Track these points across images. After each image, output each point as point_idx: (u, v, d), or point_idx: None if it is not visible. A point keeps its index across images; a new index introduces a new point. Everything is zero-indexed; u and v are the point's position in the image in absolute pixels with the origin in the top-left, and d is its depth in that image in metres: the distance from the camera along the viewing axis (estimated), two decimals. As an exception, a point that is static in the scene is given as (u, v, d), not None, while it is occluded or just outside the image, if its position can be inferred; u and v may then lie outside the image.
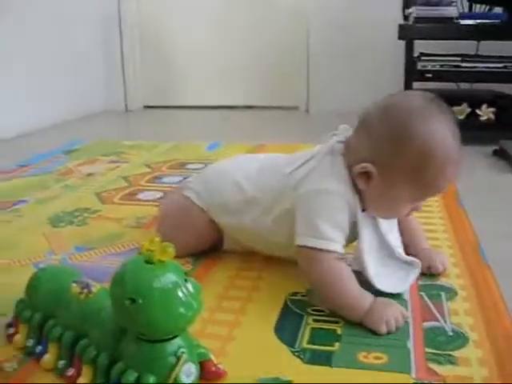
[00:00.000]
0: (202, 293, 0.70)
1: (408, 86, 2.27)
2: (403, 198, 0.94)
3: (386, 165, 0.91)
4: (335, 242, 0.93)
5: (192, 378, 0.69)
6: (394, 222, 1.05)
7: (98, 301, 0.78)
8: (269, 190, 1.04)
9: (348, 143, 0.98)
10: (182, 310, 0.66)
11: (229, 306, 0.97)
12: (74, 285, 0.81)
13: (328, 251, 0.92)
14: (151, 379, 0.67)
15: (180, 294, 0.67)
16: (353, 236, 0.98)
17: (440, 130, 0.90)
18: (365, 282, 0.95)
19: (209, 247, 1.17)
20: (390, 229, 1.02)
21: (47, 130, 2.80)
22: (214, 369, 0.74)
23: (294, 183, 0.99)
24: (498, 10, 2.52)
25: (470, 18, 2.28)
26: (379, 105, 0.95)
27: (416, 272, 1.02)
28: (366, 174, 0.93)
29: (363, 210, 0.96)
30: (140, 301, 0.65)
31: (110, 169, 1.98)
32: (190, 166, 1.96)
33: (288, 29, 3.31)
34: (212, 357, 0.75)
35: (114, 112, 3.49)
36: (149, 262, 0.67)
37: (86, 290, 0.80)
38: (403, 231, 1.07)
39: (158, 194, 1.64)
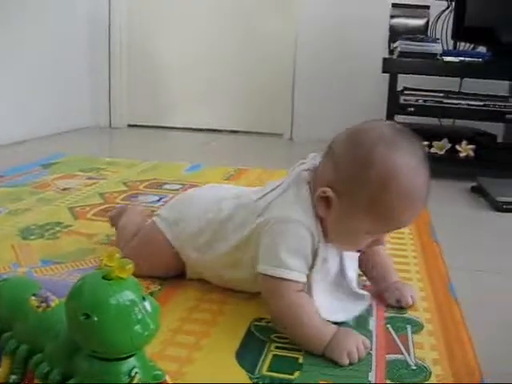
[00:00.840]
0: (161, 313, 0.68)
1: (390, 118, 2.28)
2: (362, 229, 0.92)
3: (345, 192, 0.90)
4: (296, 270, 0.92)
5: (144, 400, 0.67)
6: (355, 255, 1.04)
7: (55, 315, 0.76)
8: (237, 217, 1.03)
9: (315, 171, 0.97)
10: (137, 328, 0.65)
11: (191, 329, 0.95)
12: (33, 298, 0.78)
13: (288, 281, 0.91)
14: (102, 399, 0.65)
15: (137, 312, 0.65)
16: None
17: (403, 162, 0.87)
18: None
19: (174, 275, 1.15)
20: (350, 262, 1.02)
21: (29, 143, 2.78)
22: (168, 391, 0.72)
23: (259, 210, 0.98)
24: (482, 48, 2.57)
25: (454, 56, 2.31)
26: (347, 132, 0.94)
27: (365, 304, 1.01)
28: (326, 200, 0.92)
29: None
30: (95, 317, 0.63)
31: (86, 184, 1.97)
32: (167, 187, 1.95)
33: (275, 56, 3.33)
34: (167, 379, 0.73)
35: (98, 128, 3.48)
36: (107, 277, 0.66)
37: (44, 304, 0.78)
38: (373, 263, 1.07)
39: (133, 212, 1.62)
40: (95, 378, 0.66)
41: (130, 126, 3.61)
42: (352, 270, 1.03)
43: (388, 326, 0.99)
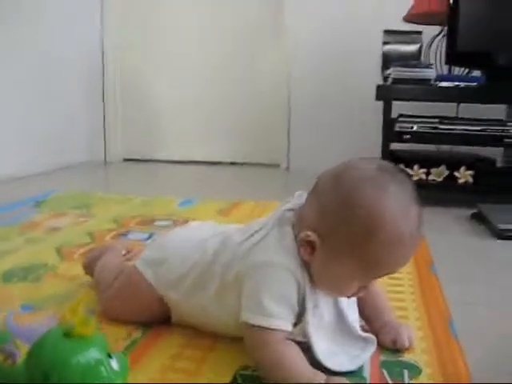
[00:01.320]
0: (127, 369, 0.63)
1: (385, 146, 2.25)
2: (347, 275, 0.86)
3: (329, 236, 0.85)
4: (280, 318, 0.86)
5: None
6: None
7: (23, 371, 0.70)
8: (219, 259, 0.97)
9: (299, 211, 0.91)
10: (102, 390, 0.60)
11: (174, 379, 0.89)
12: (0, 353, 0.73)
13: (272, 330, 0.85)
14: None
15: (102, 372, 0.60)
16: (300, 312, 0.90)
17: (388, 206, 0.81)
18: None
19: (158, 320, 1.09)
20: (348, 303, 0.96)
21: (21, 181, 2.75)
22: None
23: (242, 254, 0.93)
24: (476, 73, 2.54)
25: (448, 81, 2.28)
26: (332, 171, 0.89)
27: (371, 349, 0.95)
28: (310, 244, 0.86)
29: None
30: (55, 378, 0.58)
31: (76, 223, 1.92)
32: (158, 223, 1.90)
33: (270, 88, 3.33)
34: None
35: (92, 164, 3.45)
36: (68, 335, 0.60)
37: (9, 360, 0.72)
38: (367, 302, 1.01)
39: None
40: None
41: (125, 160, 3.59)
42: (352, 311, 0.97)
43: (383, 371, 0.92)
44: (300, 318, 0.89)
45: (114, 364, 0.62)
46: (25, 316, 1.14)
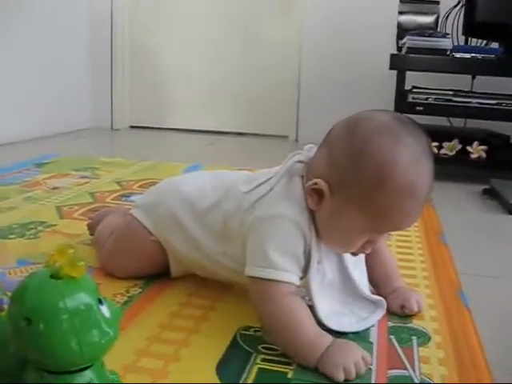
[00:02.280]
0: (120, 317, 0.59)
1: (398, 118, 2.18)
2: (353, 228, 0.82)
3: (338, 184, 0.81)
4: (287, 271, 0.82)
5: (100, 421, 0.57)
6: (362, 256, 0.93)
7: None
8: (222, 207, 0.94)
9: (310, 163, 0.87)
10: (91, 337, 0.55)
11: (170, 337, 0.85)
12: (-14, 300, 0.69)
13: (279, 282, 0.81)
14: (50, 419, 0.55)
15: (92, 317, 0.55)
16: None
17: (401, 156, 0.77)
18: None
19: (157, 271, 1.05)
20: (355, 263, 0.91)
21: (26, 144, 2.70)
22: (133, 410, 0.63)
23: (248, 205, 0.89)
24: (494, 45, 2.46)
25: (465, 52, 2.20)
26: (344, 121, 0.85)
27: (380, 313, 0.91)
28: (318, 193, 0.82)
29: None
30: (39, 323, 0.54)
31: (78, 184, 1.88)
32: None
33: (279, 57, 3.25)
34: (133, 395, 0.64)
35: (99, 130, 3.40)
36: (55, 276, 0.56)
37: (-3, 308, 0.68)
38: (373, 264, 0.96)
39: (122, 212, 1.53)
40: (44, 395, 0.56)
41: (132, 127, 3.53)
42: (359, 271, 0.93)
43: (391, 337, 0.88)
44: (305, 272, 0.85)
45: (105, 310, 0.57)
46: (20, 270, 1.11)
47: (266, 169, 0.95)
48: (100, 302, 0.57)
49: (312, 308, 0.84)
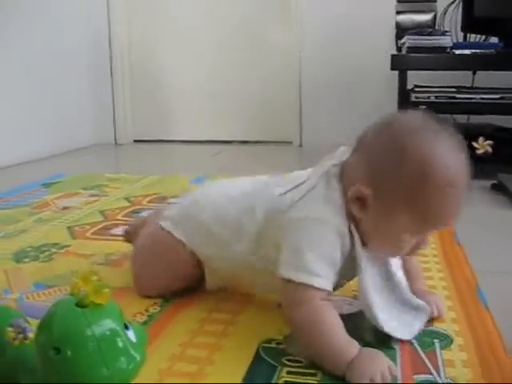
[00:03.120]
0: (150, 340, 0.59)
1: (402, 118, 2.18)
2: (403, 229, 0.82)
3: (381, 189, 0.81)
4: (323, 277, 0.82)
5: None
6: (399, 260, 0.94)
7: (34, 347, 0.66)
8: (256, 213, 0.93)
9: (345, 166, 0.87)
10: (121, 363, 0.55)
11: (194, 354, 0.85)
12: (10, 329, 0.69)
13: (314, 288, 0.81)
14: None
15: (119, 343, 0.56)
16: (348, 273, 0.87)
17: (441, 151, 0.79)
18: (349, 330, 0.83)
19: (186, 286, 1.05)
20: (397, 266, 0.92)
21: (31, 164, 2.71)
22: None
23: (284, 208, 0.88)
24: (494, 39, 2.46)
25: (465, 48, 2.20)
26: (377, 125, 0.85)
27: (424, 317, 0.91)
28: (361, 200, 0.82)
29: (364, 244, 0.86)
30: (68, 352, 0.54)
31: (87, 202, 1.88)
32: (171, 200, 1.85)
33: (280, 64, 3.25)
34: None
35: (103, 146, 3.41)
36: (80, 304, 0.56)
37: (21, 336, 0.68)
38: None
39: (134, 229, 1.53)
40: (74, 423, 0.57)
41: (135, 141, 3.54)
42: (401, 273, 0.93)
43: (413, 341, 0.88)
44: (342, 280, 0.85)
45: (132, 335, 0.57)
46: (38, 294, 1.11)
47: (296, 171, 0.96)
48: (126, 327, 0.57)
49: (366, 312, 0.85)
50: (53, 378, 0.56)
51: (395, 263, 0.92)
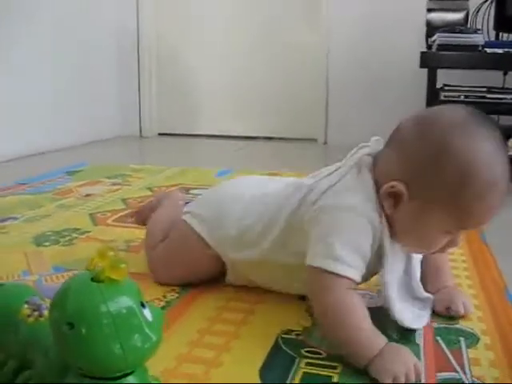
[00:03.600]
0: (168, 323, 0.57)
1: (430, 116, 2.14)
2: (437, 227, 0.80)
3: (418, 185, 0.78)
4: (352, 267, 0.79)
5: (144, 428, 0.56)
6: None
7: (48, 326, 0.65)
8: (286, 205, 0.90)
9: (378, 158, 0.84)
10: (134, 341, 0.54)
11: (211, 342, 0.83)
12: (25, 306, 0.68)
13: (341, 277, 0.78)
14: (93, 426, 0.54)
15: (133, 321, 0.54)
16: (373, 267, 0.83)
17: (484, 147, 0.76)
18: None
19: (204, 280, 1.03)
20: (418, 262, 0.90)
21: (55, 153, 2.72)
22: (177, 416, 0.61)
23: (314, 197, 0.86)
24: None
25: (497, 47, 2.14)
26: (414, 119, 0.82)
27: (429, 310, 0.89)
28: (395, 195, 0.80)
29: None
30: (81, 327, 0.52)
31: (110, 191, 1.88)
32: (194, 191, 1.84)
33: (307, 61, 3.22)
34: (176, 402, 0.62)
35: (127, 138, 3.41)
36: (96, 279, 0.55)
37: (36, 313, 0.67)
38: (429, 263, 0.94)
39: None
40: (86, 402, 0.55)
41: (160, 134, 3.54)
42: (418, 271, 0.91)
43: (438, 338, 0.85)
44: (368, 274, 0.83)
45: (148, 314, 0.56)
46: (57, 277, 1.10)
47: (328, 166, 0.92)
48: (142, 305, 0.55)
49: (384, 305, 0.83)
50: (65, 353, 0.54)
51: (416, 258, 0.90)
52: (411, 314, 0.85)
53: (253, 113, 3.39)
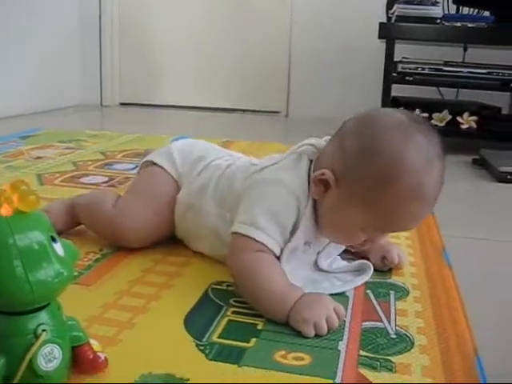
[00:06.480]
0: (76, 257, 0.57)
1: (387, 88, 2.15)
2: (355, 222, 0.80)
3: (345, 178, 0.78)
4: (269, 235, 0.79)
5: (54, 365, 0.55)
6: None
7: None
8: (231, 170, 0.95)
9: (321, 152, 0.85)
10: (43, 275, 0.53)
11: (141, 291, 0.83)
12: None
13: (257, 242, 0.79)
14: (1, 361, 0.53)
15: (43, 255, 0.53)
16: None
17: (412, 156, 0.74)
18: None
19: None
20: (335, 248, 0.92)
21: (12, 119, 2.66)
22: (91, 357, 0.60)
23: (252, 171, 0.88)
24: (486, 13, 2.42)
25: (456, 20, 2.15)
26: (359, 115, 0.82)
27: (368, 274, 0.89)
28: (324, 183, 0.80)
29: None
30: (-14, 260, 0.51)
31: (62, 154, 1.85)
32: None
33: (270, 34, 3.21)
34: (93, 342, 0.61)
35: (87, 107, 3.36)
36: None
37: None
38: None
39: (103, 179, 1.50)
40: (-4, 336, 0.54)
41: (121, 104, 3.49)
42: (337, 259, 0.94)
43: (368, 291, 0.86)
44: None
45: (59, 249, 0.55)
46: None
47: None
48: (53, 239, 0.55)
49: None
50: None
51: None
52: (328, 282, 0.87)
53: (216, 84, 3.37)
